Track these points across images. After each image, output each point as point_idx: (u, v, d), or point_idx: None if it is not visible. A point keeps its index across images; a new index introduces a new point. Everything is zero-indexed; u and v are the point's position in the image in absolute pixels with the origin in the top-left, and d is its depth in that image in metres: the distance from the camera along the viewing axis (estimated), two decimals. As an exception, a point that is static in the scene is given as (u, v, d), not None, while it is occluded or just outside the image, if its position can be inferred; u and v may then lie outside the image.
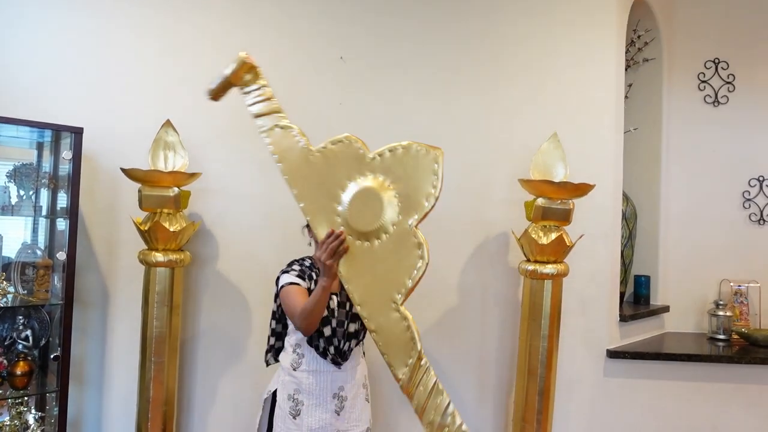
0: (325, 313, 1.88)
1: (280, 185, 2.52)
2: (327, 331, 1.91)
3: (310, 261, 2.05)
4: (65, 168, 2.20)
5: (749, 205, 3.26)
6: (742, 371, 2.73)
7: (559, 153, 2.33)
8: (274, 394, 2.00)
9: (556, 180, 2.28)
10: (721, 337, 3.03)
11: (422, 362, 1.60)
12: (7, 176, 2.24)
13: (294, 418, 1.91)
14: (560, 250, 2.28)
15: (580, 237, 2.35)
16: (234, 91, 2.48)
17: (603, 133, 2.67)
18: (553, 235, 2.26)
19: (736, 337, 3.03)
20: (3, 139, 2.32)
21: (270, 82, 2.54)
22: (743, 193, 3.27)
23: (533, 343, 2.31)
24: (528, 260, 2.35)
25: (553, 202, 2.28)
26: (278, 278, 1.98)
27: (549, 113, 2.63)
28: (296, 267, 2.00)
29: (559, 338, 2.36)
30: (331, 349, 1.92)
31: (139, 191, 2.18)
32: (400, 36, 2.63)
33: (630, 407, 2.68)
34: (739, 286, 3.19)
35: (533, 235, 2.28)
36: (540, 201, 2.28)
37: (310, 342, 1.93)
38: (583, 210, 2.55)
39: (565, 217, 2.29)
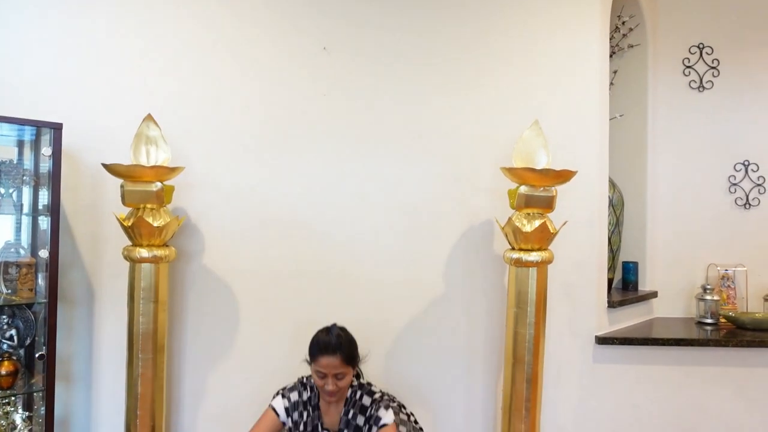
0: None
1: (264, 178, 2.54)
2: None
3: (313, 391, 2.11)
4: (46, 165, 2.18)
5: (735, 189, 3.28)
6: (730, 354, 2.75)
7: (540, 140, 2.33)
8: None
9: (538, 167, 2.28)
10: (709, 321, 3.05)
11: None
12: (-13, 174, 2.22)
13: None
14: (544, 237, 2.28)
15: (564, 224, 2.35)
16: (219, 79, 2.48)
17: (588, 120, 2.67)
18: (537, 223, 2.26)
19: (723, 320, 3.04)
20: (-18, 137, 2.30)
21: (253, 73, 2.54)
22: (729, 177, 3.28)
23: (519, 330, 2.31)
24: (513, 248, 2.34)
25: (536, 190, 2.27)
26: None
27: (533, 101, 2.62)
28: (294, 395, 2.09)
29: (545, 325, 2.35)
30: None
31: (122, 187, 2.16)
32: (384, 27, 2.61)
33: (619, 393, 2.70)
34: (726, 270, 3.21)
35: (517, 223, 2.27)
36: (522, 189, 2.28)
37: None
38: (569, 197, 2.55)
39: (548, 204, 2.28)
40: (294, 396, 2.08)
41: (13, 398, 2.15)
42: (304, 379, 2.15)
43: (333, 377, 1.97)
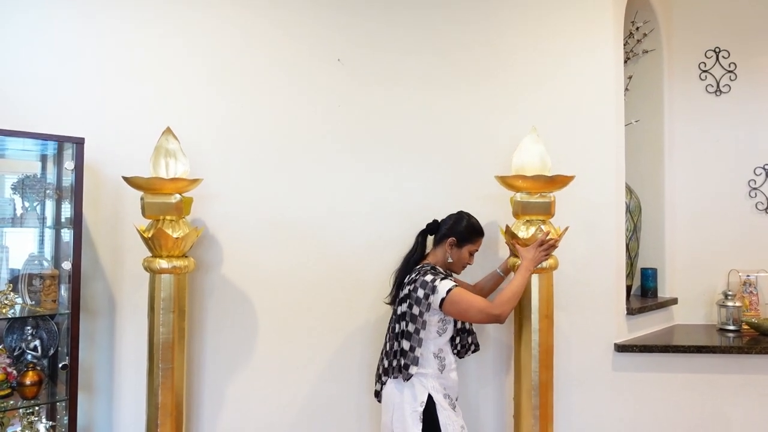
0: None
1: (281, 189, 2.56)
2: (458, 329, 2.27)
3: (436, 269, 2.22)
4: (69, 179, 2.23)
5: (755, 194, 3.23)
6: (753, 362, 2.70)
7: (537, 148, 2.31)
8: (428, 401, 2.09)
9: (529, 174, 2.26)
10: (731, 327, 3.00)
11: None
12: (12, 188, 2.27)
13: (453, 409, 2.14)
14: (526, 244, 2.26)
15: (566, 229, 2.32)
16: (236, 92, 2.52)
17: (603, 126, 2.66)
18: (533, 230, 2.25)
19: (746, 327, 3.00)
20: (7, 152, 2.35)
21: (269, 85, 2.58)
22: (749, 182, 3.24)
23: (524, 338, 2.30)
24: (514, 255, 2.33)
25: (532, 197, 2.27)
26: (433, 287, 2.07)
27: (547, 109, 2.62)
28: (442, 273, 2.17)
29: (553, 333, 2.33)
30: (459, 346, 2.29)
31: (142, 199, 2.20)
32: (396, 39, 2.63)
33: (639, 401, 2.66)
34: (748, 275, 3.16)
35: (515, 230, 2.27)
36: (518, 196, 2.28)
37: (459, 340, 2.27)
38: (584, 204, 2.54)
39: (545, 210, 2.27)
40: (442, 272, 2.18)
41: (37, 408, 2.19)
42: (427, 267, 2.18)
43: None
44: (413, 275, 2.15)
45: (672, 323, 3.18)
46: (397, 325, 2.16)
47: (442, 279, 2.09)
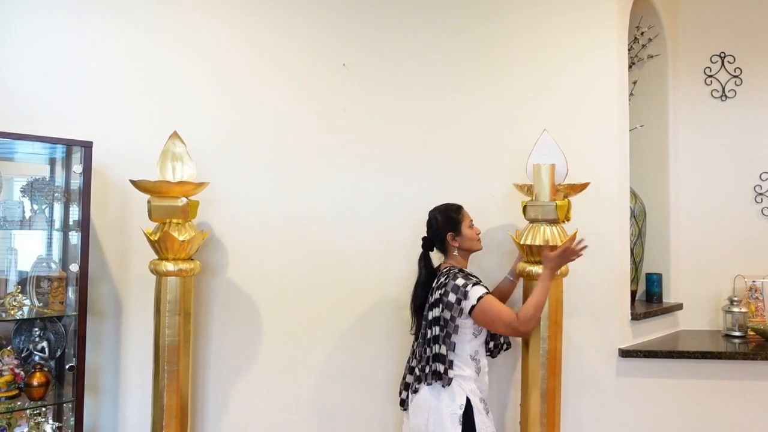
0: None
1: (286, 192, 2.58)
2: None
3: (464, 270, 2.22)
4: (77, 182, 2.25)
5: (761, 199, 3.22)
6: (759, 368, 2.69)
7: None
8: (467, 405, 2.08)
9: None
10: (737, 333, 2.99)
11: None
12: (21, 191, 2.30)
13: (487, 414, 2.14)
14: (553, 249, 2.26)
15: (574, 233, 2.32)
16: (242, 96, 2.54)
17: (608, 131, 2.66)
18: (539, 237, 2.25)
19: (752, 333, 2.98)
20: (17, 155, 2.38)
21: (275, 90, 2.60)
22: (755, 187, 3.23)
23: (533, 344, 2.29)
24: (527, 261, 2.34)
25: (543, 202, 2.28)
26: (465, 292, 2.07)
27: (551, 113, 2.63)
28: (473, 278, 2.15)
29: (562, 339, 2.33)
30: (492, 346, 2.31)
31: (149, 202, 2.22)
32: (401, 44, 2.65)
33: (644, 407, 2.65)
34: (754, 281, 3.15)
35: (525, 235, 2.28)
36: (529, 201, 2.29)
37: (493, 342, 2.29)
38: (589, 209, 2.54)
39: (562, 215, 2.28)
40: (474, 278, 2.15)
41: (44, 409, 2.21)
42: (456, 270, 2.17)
43: None
44: (442, 279, 2.15)
45: (677, 329, 3.17)
46: (428, 331, 2.14)
47: (473, 284, 2.09)
